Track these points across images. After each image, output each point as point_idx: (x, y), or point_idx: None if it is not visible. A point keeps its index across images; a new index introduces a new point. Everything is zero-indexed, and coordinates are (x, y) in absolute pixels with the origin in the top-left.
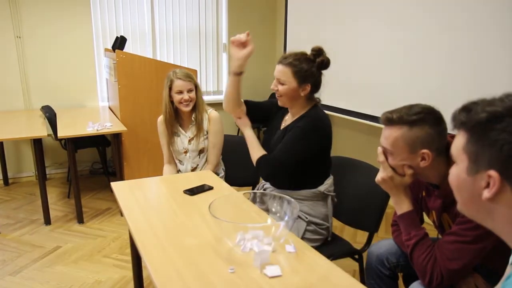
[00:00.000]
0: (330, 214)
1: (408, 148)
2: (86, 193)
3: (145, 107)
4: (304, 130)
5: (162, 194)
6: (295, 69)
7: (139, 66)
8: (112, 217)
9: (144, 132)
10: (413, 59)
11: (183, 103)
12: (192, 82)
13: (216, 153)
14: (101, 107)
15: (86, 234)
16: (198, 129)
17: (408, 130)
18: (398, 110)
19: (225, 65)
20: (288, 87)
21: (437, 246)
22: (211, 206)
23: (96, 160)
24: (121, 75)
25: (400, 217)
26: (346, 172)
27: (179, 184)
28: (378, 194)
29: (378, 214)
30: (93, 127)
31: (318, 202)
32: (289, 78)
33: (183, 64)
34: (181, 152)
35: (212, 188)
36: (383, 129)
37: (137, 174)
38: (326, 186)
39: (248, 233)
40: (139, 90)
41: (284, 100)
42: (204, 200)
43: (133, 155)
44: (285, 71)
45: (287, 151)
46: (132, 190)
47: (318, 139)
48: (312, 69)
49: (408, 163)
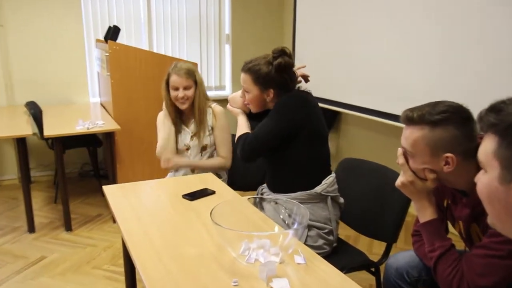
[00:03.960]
0: (333, 217)
1: (430, 151)
2: (75, 198)
3: (140, 104)
4: (279, 105)
5: (159, 199)
6: (255, 75)
7: (133, 58)
8: (104, 224)
9: (140, 131)
10: (439, 50)
11: (178, 100)
12: (191, 79)
13: (227, 148)
14: (92, 104)
15: (74, 243)
16: (200, 125)
17: (430, 131)
18: (420, 108)
19: (228, 58)
20: (252, 95)
21: (465, 259)
22: (212, 212)
23: (86, 162)
24: (114, 68)
25: (423, 225)
26: (361, 175)
27: (177, 188)
28: (396, 200)
29: (397, 222)
30: (83, 125)
31: (317, 204)
32: (250, 85)
33: (182, 56)
34: (183, 149)
35: (214, 192)
36: (404, 129)
37: (132, 177)
38: (324, 186)
39: (253, 242)
40: (134, 84)
41: (253, 107)
42: (205, 205)
43: (127, 156)
44: (245, 78)
45: (262, 127)
46: (125, 194)
47: (295, 113)
48: (272, 72)
49: (430, 167)
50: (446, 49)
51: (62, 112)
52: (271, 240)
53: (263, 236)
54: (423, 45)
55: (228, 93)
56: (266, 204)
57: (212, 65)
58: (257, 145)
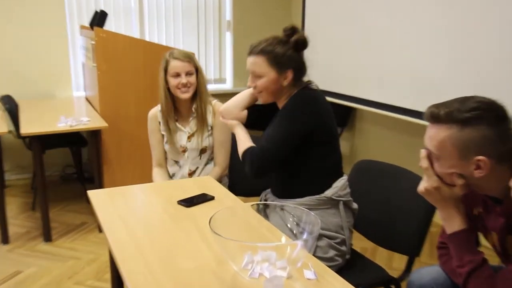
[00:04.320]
0: (346, 224)
1: (458, 153)
2: (55, 204)
3: (130, 98)
4: (287, 109)
5: (152, 205)
6: (270, 55)
7: (123, 47)
8: (88, 234)
9: (130, 128)
10: (469, 38)
11: (180, 88)
12: (192, 64)
13: (225, 153)
14: (76, 98)
15: (54, 255)
16: (200, 123)
17: (458, 131)
18: (448, 104)
19: (229, 47)
20: (267, 79)
21: (500, 277)
22: (212, 221)
23: (68, 163)
24: (101, 58)
25: (450, 237)
26: (378, 179)
27: (172, 192)
28: (419, 208)
29: (420, 233)
30: (65, 122)
31: (327, 210)
32: (265, 68)
33: (178, 45)
34: (178, 151)
35: (213, 198)
36: (428, 127)
37: (120, 181)
38: (335, 189)
39: (257, 254)
40: (123, 77)
41: (266, 96)
42: (204, 213)
43: (116, 157)
44: (258, 61)
45: (272, 135)
46: (113, 200)
47: (305, 119)
48: (289, 52)
49: (458, 171)
50: (480, 34)
51: (42, 108)
52: (278, 252)
53: (268, 248)
54: (451, 30)
55: (229, 87)
56: (271, 212)
57: (211, 55)
58: (270, 157)
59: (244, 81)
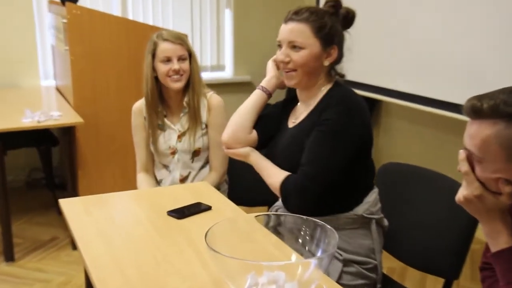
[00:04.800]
0: (378, 247)
1: (505, 155)
2: (20, 216)
3: (111, 89)
4: (337, 122)
5: (136, 216)
6: (316, 24)
7: (101, 27)
8: (59, 252)
9: (110, 125)
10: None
11: (171, 76)
12: (185, 47)
13: (222, 155)
14: (44, 88)
15: (17, 277)
16: (192, 119)
17: (505, 128)
18: (492, 96)
19: (229, 28)
20: (309, 52)
21: None
22: (208, 235)
23: (35, 167)
24: (74, 40)
25: (496, 256)
26: (407, 186)
27: (161, 201)
28: (458, 220)
29: (459, 251)
30: (32, 117)
31: (357, 231)
32: (309, 38)
33: (167, 25)
34: (167, 154)
35: (210, 208)
36: (468, 124)
37: (99, 187)
38: (367, 205)
39: (263, 275)
40: (101, 63)
41: (300, 76)
42: (199, 225)
43: (93, 159)
44: (302, 29)
45: (319, 157)
46: (90, 210)
47: (358, 132)
48: (337, 25)
49: (505, 177)
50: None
51: (3, 99)
52: (287, 273)
53: (276, 267)
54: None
55: (229, 75)
56: (284, 229)
57: (207, 37)
58: (321, 186)
59: (247, 68)
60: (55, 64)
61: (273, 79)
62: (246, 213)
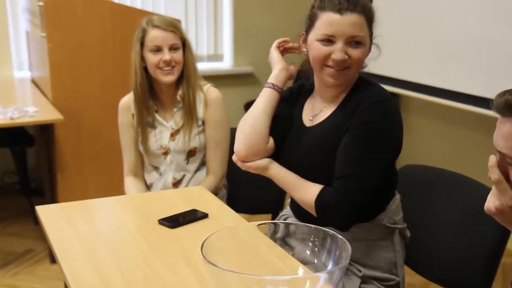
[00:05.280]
0: (400, 261)
1: None
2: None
3: (94, 81)
4: (375, 126)
5: (124, 225)
6: (370, 15)
7: (83, 11)
8: (36, 266)
9: (93, 122)
10: None
11: (162, 68)
12: (178, 35)
13: (221, 156)
14: (18, 80)
15: None
16: (187, 115)
17: None
18: None
19: (227, 13)
20: (365, 49)
21: None
22: (205, 246)
23: (8, 170)
24: (52, 26)
25: None
26: (430, 191)
27: (151, 208)
28: (487, 230)
29: (489, 265)
30: (4, 113)
31: (378, 242)
32: (367, 33)
33: (158, 10)
34: (158, 154)
35: (207, 215)
36: (499, 122)
37: (81, 193)
38: (389, 214)
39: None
40: (83, 51)
41: (352, 74)
42: (194, 235)
43: (74, 161)
44: (362, 22)
45: (362, 168)
46: (71, 219)
47: (396, 134)
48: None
49: None
50: None
51: None
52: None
53: (280, 282)
54: None
55: (228, 66)
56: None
57: (203, 23)
58: (363, 198)
59: (248, 58)
60: (30, 53)
61: (282, 72)
62: (247, 221)
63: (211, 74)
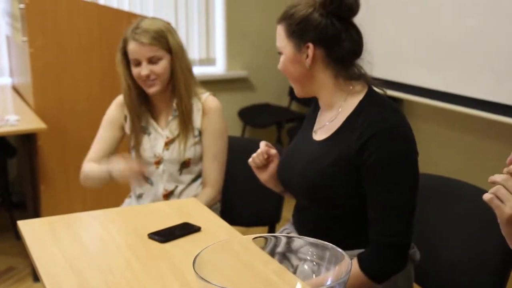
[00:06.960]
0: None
1: None
2: None
3: (79, 88)
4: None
5: (112, 240)
6: (288, 22)
7: (67, 14)
8: (18, 284)
9: (78, 131)
10: None
11: (145, 81)
12: (159, 46)
13: (219, 168)
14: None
15: None
16: (183, 125)
17: None
18: None
19: (220, 15)
20: (285, 57)
21: None
22: (197, 261)
23: None
24: (34, 29)
25: None
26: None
27: (141, 222)
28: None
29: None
30: None
31: None
32: (283, 40)
33: (147, 12)
34: (150, 163)
35: (200, 229)
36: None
37: (66, 206)
38: None
39: None
40: (67, 56)
41: (296, 85)
42: (186, 250)
43: (58, 172)
44: (279, 31)
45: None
46: (56, 234)
47: (415, 158)
48: (313, 14)
49: None
50: None
51: None
52: None
53: None
54: None
55: (220, 70)
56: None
57: (194, 26)
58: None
59: (242, 62)
60: (11, 58)
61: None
62: (242, 234)
63: (203, 79)
